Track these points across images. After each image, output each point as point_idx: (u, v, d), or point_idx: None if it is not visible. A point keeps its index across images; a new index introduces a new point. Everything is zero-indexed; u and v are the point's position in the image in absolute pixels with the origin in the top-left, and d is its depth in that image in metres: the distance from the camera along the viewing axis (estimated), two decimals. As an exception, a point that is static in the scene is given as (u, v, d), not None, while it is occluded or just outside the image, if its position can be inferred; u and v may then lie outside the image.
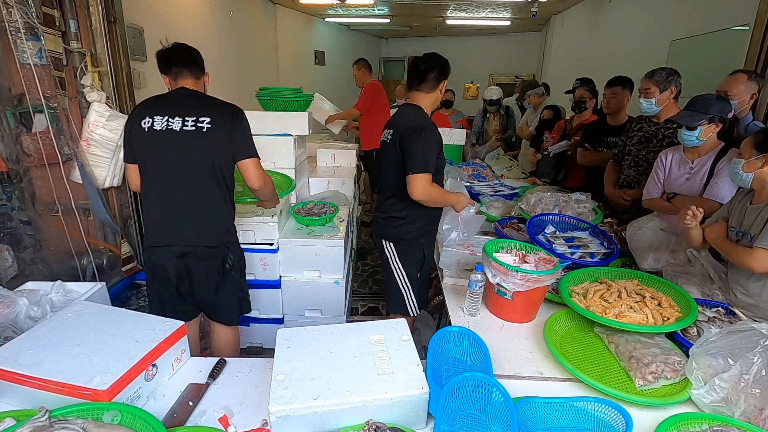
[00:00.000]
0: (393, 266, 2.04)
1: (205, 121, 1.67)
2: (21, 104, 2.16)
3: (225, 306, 1.89)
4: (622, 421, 1.00)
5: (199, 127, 1.67)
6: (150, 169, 1.72)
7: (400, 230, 1.98)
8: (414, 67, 1.90)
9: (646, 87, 2.22)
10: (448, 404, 1.01)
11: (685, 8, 3.60)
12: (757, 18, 2.32)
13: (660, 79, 2.18)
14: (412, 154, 1.78)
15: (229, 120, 1.70)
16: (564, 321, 1.45)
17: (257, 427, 1.04)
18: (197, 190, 1.71)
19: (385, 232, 2.02)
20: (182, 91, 1.75)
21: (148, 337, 1.18)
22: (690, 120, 1.84)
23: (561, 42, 6.89)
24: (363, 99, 4.29)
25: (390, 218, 1.99)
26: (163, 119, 1.67)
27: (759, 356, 1.04)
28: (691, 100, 1.90)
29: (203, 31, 4.56)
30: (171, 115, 1.67)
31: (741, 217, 1.53)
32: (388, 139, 1.94)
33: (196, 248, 1.75)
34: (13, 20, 2.03)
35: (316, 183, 3.13)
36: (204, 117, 1.67)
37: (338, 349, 1.13)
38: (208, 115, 1.68)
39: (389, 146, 1.92)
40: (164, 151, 1.68)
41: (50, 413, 0.92)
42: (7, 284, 1.91)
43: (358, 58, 4.50)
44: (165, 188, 1.71)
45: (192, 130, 1.66)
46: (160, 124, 1.67)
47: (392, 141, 1.89)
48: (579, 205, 2.28)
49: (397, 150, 1.85)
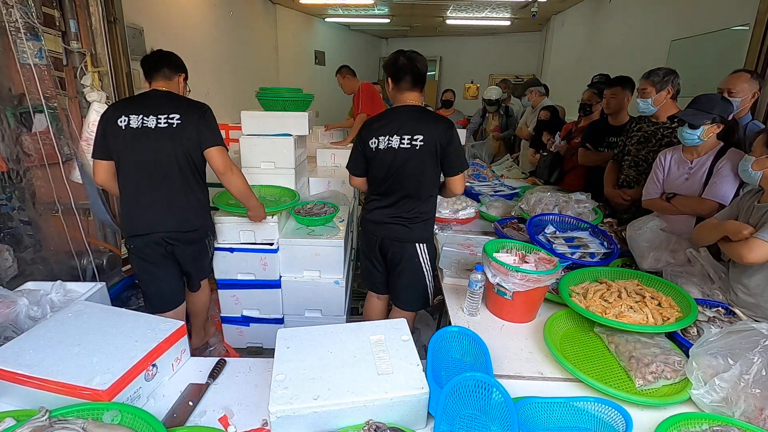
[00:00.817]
0: (424, 267, 2.00)
1: (175, 117, 1.88)
2: (21, 104, 2.16)
3: (198, 275, 2.21)
4: (622, 421, 1.00)
5: (170, 123, 1.87)
6: (127, 164, 1.89)
7: (427, 230, 1.99)
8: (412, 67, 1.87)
9: (643, 87, 2.24)
10: (448, 404, 1.01)
11: (685, 8, 3.61)
12: (757, 18, 2.33)
13: (656, 80, 2.19)
14: (458, 154, 1.87)
15: (196, 115, 1.91)
16: (564, 321, 1.45)
17: (257, 427, 1.04)
18: (173, 181, 1.92)
19: (417, 235, 1.96)
20: (153, 92, 1.95)
21: (148, 337, 1.17)
22: (694, 118, 1.83)
23: (561, 42, 6.89)
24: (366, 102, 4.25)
25: (415, 220, 1.94)
26: (139, 117, 1.86)
27: (759, 356, 1.04)
28: (695, 98, 1.90)
29: (203, 31, 4.56)
30: (146, 114, 1.86)
31: (747, 216, 1.53)
32: (417, 145, 1.82)
33: (179, 234, 1.98)
34: (13, 20, 2.03)
35: (316, 183, 3.13)
36: (174, 114, 1.88)
37: (338, 349, 1.13)
38: (178, 112, 1.89)
39: (416, 152, 1.83)
40: (140, 146, 1.87)
41: (50, 413, 0.92)
42: (7, 284, 1.92)
43: (340, 67, 4.41)
44: (143, 181, 1.90)
45: (165, 126, 1.87)
46: (136, 122, 1.86)
47: (425, 147, 1.82)
48: (579, 205, 2.28)
49: (435, 154, 1.83)
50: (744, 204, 1.58)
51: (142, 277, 2.08)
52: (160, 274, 2.04)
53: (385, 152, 1.87)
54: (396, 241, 1.98)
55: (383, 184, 1.94)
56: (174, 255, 2.03)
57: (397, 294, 2.11)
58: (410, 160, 1.84)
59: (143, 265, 2.02)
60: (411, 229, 1.95)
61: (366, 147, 1.91)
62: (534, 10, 5.69)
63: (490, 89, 4.85)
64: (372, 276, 2.16)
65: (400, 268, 2.02)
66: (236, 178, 2.00)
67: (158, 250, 1.98)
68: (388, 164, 1.88)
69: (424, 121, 1.85)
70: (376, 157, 1.90)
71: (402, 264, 2.00)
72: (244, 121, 2.53)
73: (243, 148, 2.54)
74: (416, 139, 1.82)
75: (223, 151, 1.95)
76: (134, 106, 1.89)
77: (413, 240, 1.97)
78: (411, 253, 1.98)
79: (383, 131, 1.86)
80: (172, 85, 1.99)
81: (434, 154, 1.83)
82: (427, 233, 2.01)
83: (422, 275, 2.02)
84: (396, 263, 2.02)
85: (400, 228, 1.95)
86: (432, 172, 1.88)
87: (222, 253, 2.31)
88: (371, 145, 1.89)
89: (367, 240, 2.09)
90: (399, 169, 1.87)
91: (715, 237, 1.57)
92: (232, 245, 2.30)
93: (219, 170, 1.95)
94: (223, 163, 1.94)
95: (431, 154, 1.83)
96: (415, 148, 1.83)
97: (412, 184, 1.89)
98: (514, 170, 4.06)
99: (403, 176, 1.88)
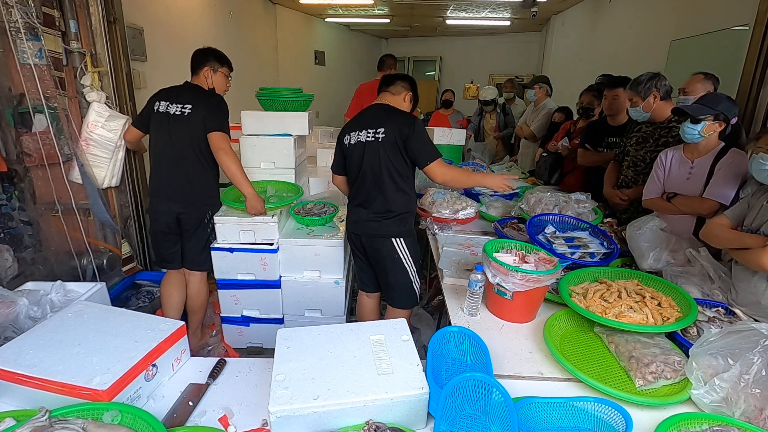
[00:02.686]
0: (405, 262, 2.04)
1: (188, 107, 2.19)
2: (21, 104, 2.16)
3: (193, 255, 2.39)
4: (622, 421, 1.00)
5: (183, 111, 2.19)
6: (154, 142, 2.28)
7: (403, 225, 2.01)
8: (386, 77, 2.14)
9: (630, 97, 2.30)
10: (448, 404, 1.01)
11: (685, 8, 3.60)
12: (757, 18, 2.32)
13: (640, 89, 2.24)
14: (422, 144, 1.92)
15: (204, 104, 2.19)
16: (564, 321, 1.45)
17: (257, 427, 1.04)
18: (184, 162, 2.23)
19: (394, 230, 2.01)
20: (186, 84, 2.32)
21: (148, 337, 1.17)
22: (696, 111, 1.84)
23: (561, 42, 6.88)
24: None
25: (391, 215, 1.99)
26: (165, 104, 2.22)
27: (759, 356, 1.04)
28: (701, 96, 1.94)
29: (203, 31, 4.56)
30: (170, 102, 2.22)
31: (754, 215, 1.52)
32: (380, 137, 1.93)
33: (185, 203, 2.27)
34: (13, 20, 2.03)
35: (316, 183, 3.13)
36: (188, 104, 2.19)
37: (338, 349, 1.13)
38: (190, 102, 2.20)
39: (378, 143, 1.94)
40: (162, 129, 2.23)
41: (50, 413, 0.92)
42: (8, 284, 1.92)
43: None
44: (162, 157, 2.25)
45: (179, 114, 2.19)
46: (164, 108, 2.22)
47: (386, 138, 1.93)
48: (579, 205, 2.28)
49: (396, 146, 1.91)
50: (755, 202, 1.56)
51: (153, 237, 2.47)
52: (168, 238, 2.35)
53: (354, 147, 2.00)
54: (372, 237, 2.05)
55: (356, 181, 2.05)
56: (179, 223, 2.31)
57: (386, 291, 2.17)
58: (373, 152, 1.95)
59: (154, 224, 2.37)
60: (383, 225, 2.01)
61: (342, 144, 2.07)
62: (534, 11, 5.69)
63: (485, 89, 4.85)
64: (361, 274, 2.25)
65: (382, 265, 2.08)
66: (229, 159, 2.16)
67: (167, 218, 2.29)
68: (358, 160, 2.00)
69: (387, 116, 1.97)
70: (349, 154, 2.04)
71: (383, 261, 2.06)
72: (244, 121, 2.53)
73: (243, 148, 2.54)
74: (379, 132, 1.93)
75: (222, 135, 2.17)
76: (168, 94, 2.25)
77: (389, 235, 2.01)
78: (389, 248, 2.03)
79: (354, 128, 2.01)
80: (199, 80, 2.30)
81: (395, 145, 1.92)
82: (404, 227, 2.04)
83: (405, 271, 2.06)
84: (378, 260, 2.08)
85: (374, 224, 2.02)
86: (396, 164, 1.95)
87: (222, 253, 2.31)
88: (345, 142, 2.04)
89: (351, 239, 2.17)
90: (366, 163, 1.97)
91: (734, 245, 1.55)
92: (232, 245, 2.30)
93: (214, 149, 2.17)
94: (216, 144, 2.15)
95: (392, 146, 1.92)
96: (378, 140, 1.93)
97: (377, 178, 1.97)
98: (514, 170, 4.06)
99: (368, 170, 1.98)
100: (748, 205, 1.60)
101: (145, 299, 2.75)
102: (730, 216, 1.63)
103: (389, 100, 2.08)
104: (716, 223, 1.65)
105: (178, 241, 2.37)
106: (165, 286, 2.43)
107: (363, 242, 2.10)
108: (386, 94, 2.09)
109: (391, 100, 2.08)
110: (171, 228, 2.32)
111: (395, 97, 2.08)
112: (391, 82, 2.10)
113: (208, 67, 2.28)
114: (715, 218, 1.70)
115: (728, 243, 1.58)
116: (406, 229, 2.05)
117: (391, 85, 2.09)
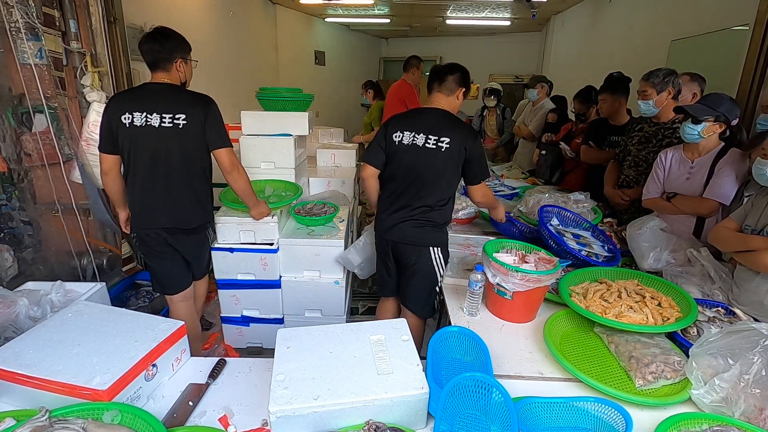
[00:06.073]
0: (438, 272, 1.94)
1: (181, 117, 1.83)
2: (21, 104, 2.16)
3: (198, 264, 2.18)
4: (622, 421, 1.00)
5: (176, 123, 1.83)
6: (133, 160, 1.88)
7: (442, 234, 1.95)
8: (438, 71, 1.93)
9: (643, 89, 2.24)
10: (448, 404, 1.01)
11: (685, 8, 3.60)
12: (757, 18, 2.32)
13: (657, 81, 2.19)
14: (481, 162, 1.86)
15: (201, 113, 1.86)
16: (564, 321, 1.45)
17: (257, 427, 1.04)
18: (176, 180, 1.91)
19: (432, 238, 1.92)
20: (154, 86, 1.88)
21: (148, 337, 1.17)
22: (698, 111, 1.83)
23: (561, 42, 6.88)
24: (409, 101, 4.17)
25: (429, 223, 1.90)
26: (142, 115, 1.81)
27: (759, 356, 1.04)
28: (704, 95, 1.94)
29: (203, 31, 4.56)
30: (149, 112, 1.82)
31: (757, 216, 1.53)
32: (443, 147, 1.81)
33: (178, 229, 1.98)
34: (13, 20, 2.03)
35: (316, 183, 3.13)
36: (180, 114, 1.83)
37: (338, 349, 1.13)
38: (184, 112, 1.83)
39: (440, 153, 1.82)
40: (144, 144, 1.85)
41: (50, 413, 0.92)
42: (8, 284, 1.92)
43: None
44: (147, 178, 1.89)
45: (170, 126, 1.83)
46: (140, 119, 1.81)
47: (450, 150, 1.81)
48: (578, 205, 2.28)
49: (459, 159, 1.83)
50: (759, 202, 1.57)
51: (149, 262, 2.11)
52: (164, 262, 2.06)
53: (407, 148, 1.86)
54: (409, 244, 1.93)
55: (401, 183, 1.91)
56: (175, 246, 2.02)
57: (407, 294, 2.05)
58: (432, 160, 1.83)
59: (148, 251, 2.04)
60: (425, 232, 1.90)
61: (389, 140, 1.90)
62: (534, 11, 5.68)
63: (490, 85, 4.84)
64: (386, 279, 2.11)
65: (413, 271, 1.97)
66: (241, 177, 2.03)
67: (159, 240, 1.98)
68: (409, 162, 1.87)
69: (452, 126, 1.84)
70: (397, 153, 1.89)
71: (415, 267, 1.95)
72: (244, 121, 2.53)
73: (243, 148, 2.54)
74: (442, 141, 1.81)
75: (231, 152, 1.96)
76: (135, 102, 1.83)
77: (428, 244, 1.91)
78: (426, 257, 1.92)
79: (409, 128, 1.87)
80: (170, 76, 1.90)
81: (458, 158, 1.82)
82: (443, 237, 1.96)
83: (435, 281, 1.96)
84: (409, 266, 1.97)
85: (414, 231, 1.91)
86: (451, 175, 1.86)
87: (222, 253, 2.31)
88: (395, 138, 1.88)
89: (380, 243, 2.05)
90: (419, 168, 1.85)
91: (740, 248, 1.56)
92: (232, 245, 2.30)
93: (226, 169, 1.97)
94: (230, 162, 1.95)
95: (454, 158, 1.82)
96: (440, 150, 1.82)
97: (429, 186, 1.86)
98: (514, 170, 4.06)
99: (422, 176, 1.86)
100: (752, 206, 1.60)
101: (145, 299, 2.75)
102: (736, 219, 1.63)
103: (444, 104, 1.91)
104: (724, 227, 1.65)
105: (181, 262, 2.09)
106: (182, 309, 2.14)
107: (397, 248, 1.98)
108: (439, 96, 1.91)
109: (446, 104, 1.91)
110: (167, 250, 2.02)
111: (449, 99, 1.91)
112: (442, 78, 1.89)
113: (180, 59, 1.91)
114: (723, 222, 1.69)
115: (737, 247, 1.58)
116: (444, 239, 1.96)
117: (443, 82, 1.89)
